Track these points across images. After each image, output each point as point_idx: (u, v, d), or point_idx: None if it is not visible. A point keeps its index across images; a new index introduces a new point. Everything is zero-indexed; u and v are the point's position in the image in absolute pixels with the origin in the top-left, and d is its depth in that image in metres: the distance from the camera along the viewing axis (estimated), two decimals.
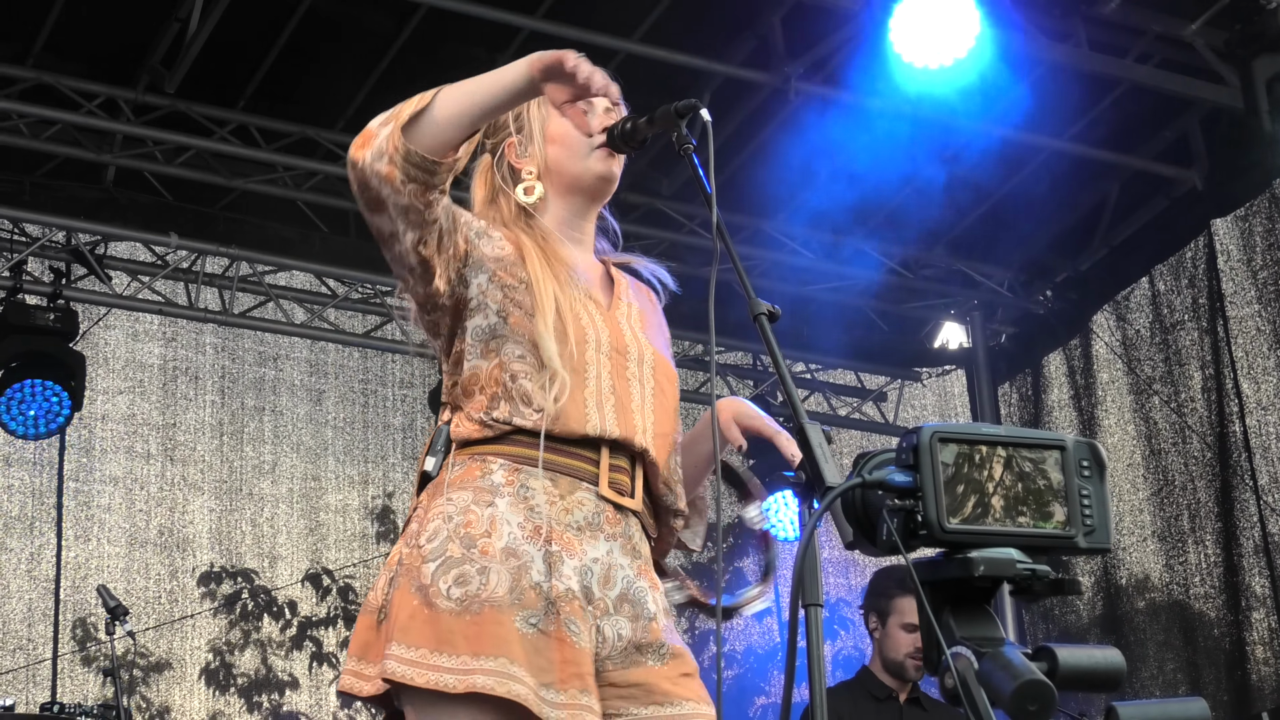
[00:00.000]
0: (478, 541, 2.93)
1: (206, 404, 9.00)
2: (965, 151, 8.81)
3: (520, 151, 3.27)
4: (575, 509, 3.02)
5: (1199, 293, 8.98)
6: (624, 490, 3.08)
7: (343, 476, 9.24)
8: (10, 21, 7.75)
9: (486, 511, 2.97)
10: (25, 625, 8.36)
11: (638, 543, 3.10)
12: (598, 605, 3.00)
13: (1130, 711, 2.00)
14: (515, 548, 2.94)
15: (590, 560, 3.01)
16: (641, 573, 3.08)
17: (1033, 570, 2.02)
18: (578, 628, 2.94)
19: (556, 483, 3.02)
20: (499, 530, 2.95)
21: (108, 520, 8.63)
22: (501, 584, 2.90)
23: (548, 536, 2.97)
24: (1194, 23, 8.21)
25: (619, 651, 3.01)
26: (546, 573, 2.95)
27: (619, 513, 3.07)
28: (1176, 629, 9.02)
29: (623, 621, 3.02)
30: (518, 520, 2.97)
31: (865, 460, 2.13)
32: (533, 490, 3.00)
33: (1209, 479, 8.90)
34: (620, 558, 3.05)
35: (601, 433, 3.03)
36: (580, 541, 3.00)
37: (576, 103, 3.19)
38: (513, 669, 2.84)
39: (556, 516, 2.99)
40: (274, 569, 9.01)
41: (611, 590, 3.03)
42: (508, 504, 2.98)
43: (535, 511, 2.98)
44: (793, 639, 2.11)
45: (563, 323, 3.06)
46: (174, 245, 8.65)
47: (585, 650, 2.94)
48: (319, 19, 7.70)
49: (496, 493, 2.99)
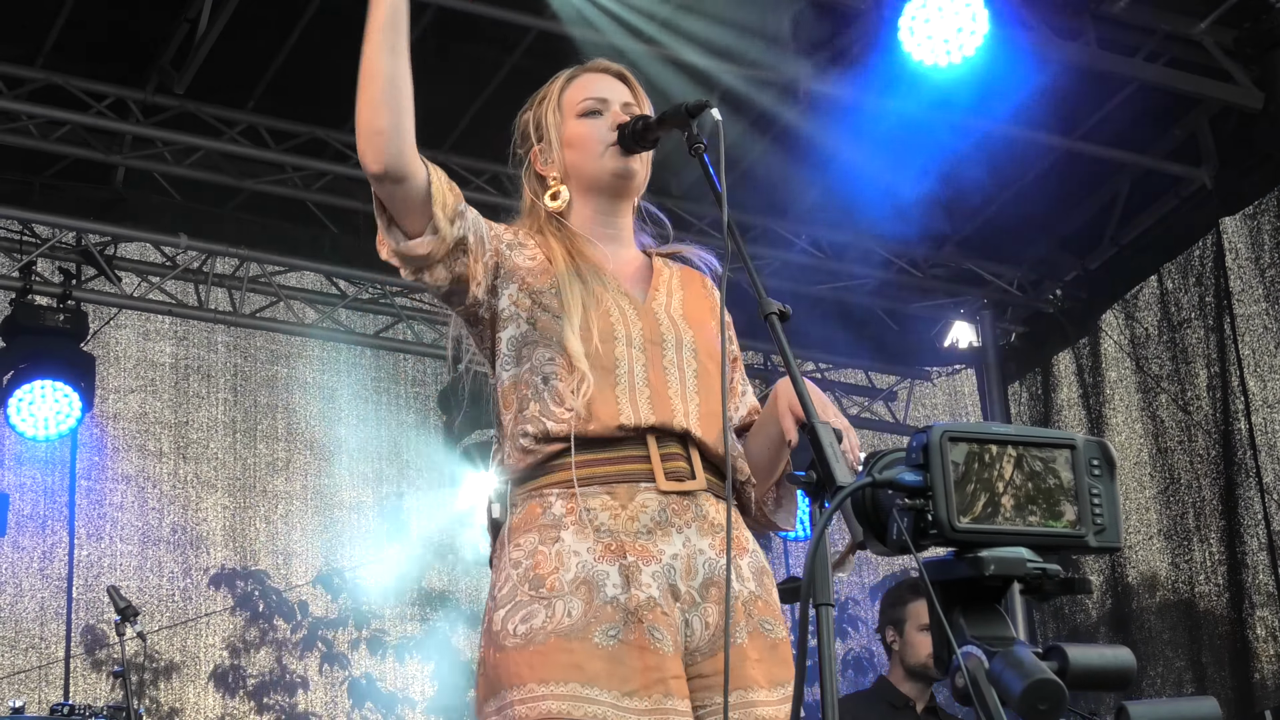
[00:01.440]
0: (546, 579, 2.96)
1: (219, 402, 9.00)
2: (974, 151, 8.80)
3: (544, 159, 3.30)
4: (640, 514, 3.02)
5: (1206, 291, 8.97)
6: (683, 475, 3.07)
7: (356, 473, 9.25)
8: (19, 22, 7.76)
9: (554, 548, 2.99)
10: (38, 624, 8.37)
11: (713, 517, 3.08)
12: (684, 599, 3.01)
13: (1141, 711, 2.00)
14: (586, 575, 2.96)
15: (670, 559, 3.01)
16: (722, 548, 3.06)
17: (1043, 569, 2.02)
18: (661, 634, 2.94)
19: (614, 493, 3.02)
20: (566, 563, 2.97)
21: (120, 519, 8.63)
22: (573, 610, 2.92)
23: (620, 550, 2.98)
24: (1203, 21, 8.20)
25: (706, 641, 3.01)
26: (624, 585, 2.95)
27: (685, 498, 3.06)
28: (1181, 627, 9.01)
29: (710, 608, 3.02)
30: (586, 545, 2.98)
31: (875, 460, 2.13)
32: (593, 510, 3.01)
33: (1213, 477, 8.90)
34: (699, 542, 3.04)
35: (636, 422, 3.03)
36: (654, 544, 3.00)
37: (586, 104, 3.25)
38: (585, 690, 2.86)
39: (624, 528, 3.00)
40: (288, 565, 9.01)
41: (695, 580, 3.02)
42: (573, 534, 2.99)
43: (603, 531, 2.99)
44: (803, 638, 2.11)
45: (588, 322, 3.07)
46: (183, 246, 8.65)
47: (669, 655, 2.94)
48: (328, 19, 7.70)
49: (560, 525, 3.00)
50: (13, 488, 8.46)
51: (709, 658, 3.01)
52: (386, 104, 2.93)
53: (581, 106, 3.28)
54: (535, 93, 3.39)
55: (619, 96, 3.29)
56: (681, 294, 3.28)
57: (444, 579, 9.34)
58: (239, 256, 8.81)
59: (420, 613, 9.26)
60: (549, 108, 3.30)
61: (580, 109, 3.27)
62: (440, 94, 8.30)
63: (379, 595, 9.11)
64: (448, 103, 8.31)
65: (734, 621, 3.02)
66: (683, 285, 3.31)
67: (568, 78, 3.34)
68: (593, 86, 3.31)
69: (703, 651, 3.01)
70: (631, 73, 3.37)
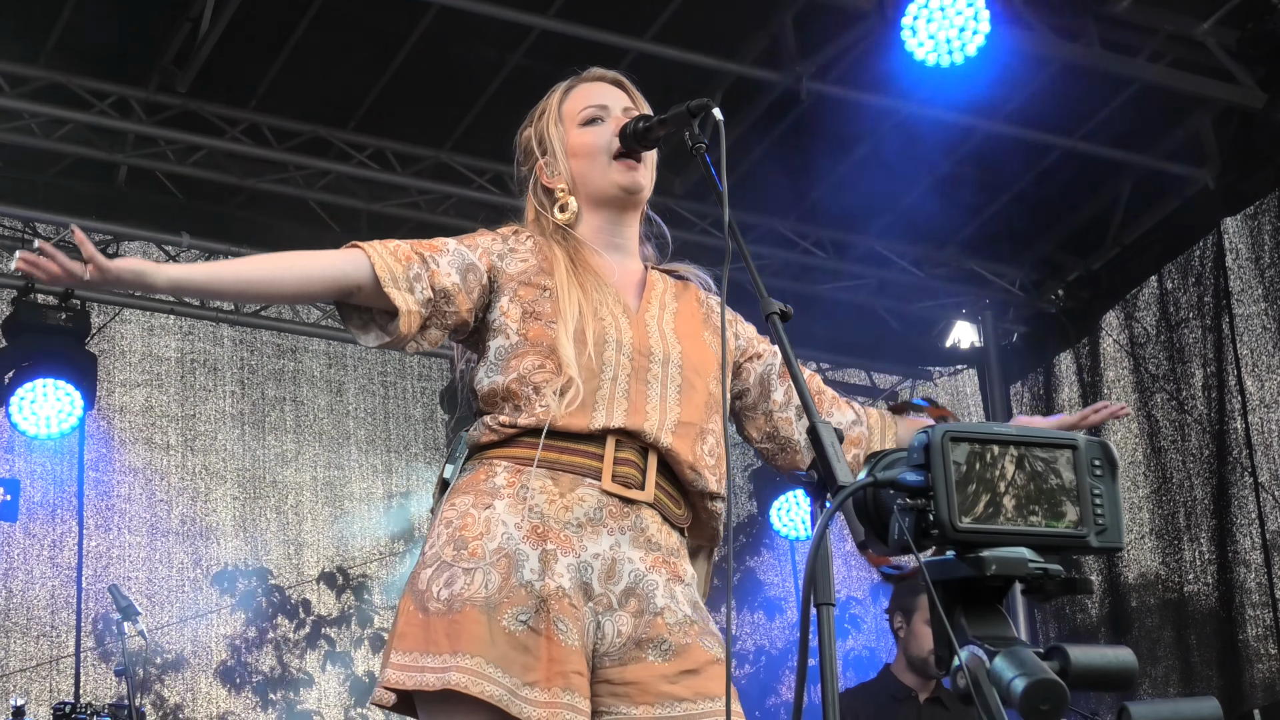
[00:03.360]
0: (469, 543, 2.98)
1: (226, 394, 9.01)
2: (977, 150, 8.81)
3: (550, 172, 3.31)
4: (575, 505, 3.03)
5: (1205, 291, 8.96)
6: (631, 483, 3.08)
7: (366, 465, 9.27)
8: (22, 21, 7.76)
9: (484, 514, 3.01)
10: (48, 612, 8.38)
11: (653, 534, 3.09)
12: (599, 600, 3.02)
13: (1143, 711, 2.00)
14: (509, 548, 2.98)
15: (590, 556, 3.02)
16: (655, 565, 3.08)
17: (1044, 569, 2.02)
18: (566, 626, 2.95)
19: (557, 481, 3.04)
20: (493, 531, 2.99)
21: (128, 510, 8.64)
22: (489, 583, 2.94)
23: (544, 535, 2.99)
24: (1206, 22, 8.20)
25: (617, 648, 3.02)
26: (540, 571, 2.97)
27: (626, 505, 3.07)
28: (1172, 626, 9.01)
29: (625, 617, 3.03)
30: (515, 520, 3.00)
31: (877, 459, 2.13)
32: (531, 490, 3.02)
33: (1205, 476, 8.90)
34: (629, 551, 3.06)
35: (605, 425, 3.05)
36: (579, 538, 3.02)
37: (587, 113, 3.27)
38: (489, 669, 2.87)
39: (555, 515, 3.02)
40: (299, 555, 9.03)
41: (616, 585, 3.03)
42: (505, 505, 3.01)
43: (534, 511, 3.01)
44: (804, 638, 2.11)
45: (583, 329, 3.09)
46: (186, 245, 8.65)
47: (574, 649, 2.96)
48: (330, 19, 7.70)
49: (496, 494, 3.03)
50: (23, 474, 8.45)
51: (619, 666, 3.02)
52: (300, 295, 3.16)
53: (583, 115, 3.29)
54: (533, 109, 3.40)
55: (619, 102, 3.31)
56: (674, 307, 3.29)
57: None
58: (241, 255, 8.79)
59: None
60: (549, 120, 3.32)
61: (582, 118, 3.29)
62: (442, 93, 8.30)
63: (382, 594, 9.12)
64: (450, 102, 8.31)
65: (650, 637, 3.04)
66: (676, 298, 3.32)
67: (565, 89, 3.36)
68: (592, 95, 3.32)
69: (612, 658, 3.02)
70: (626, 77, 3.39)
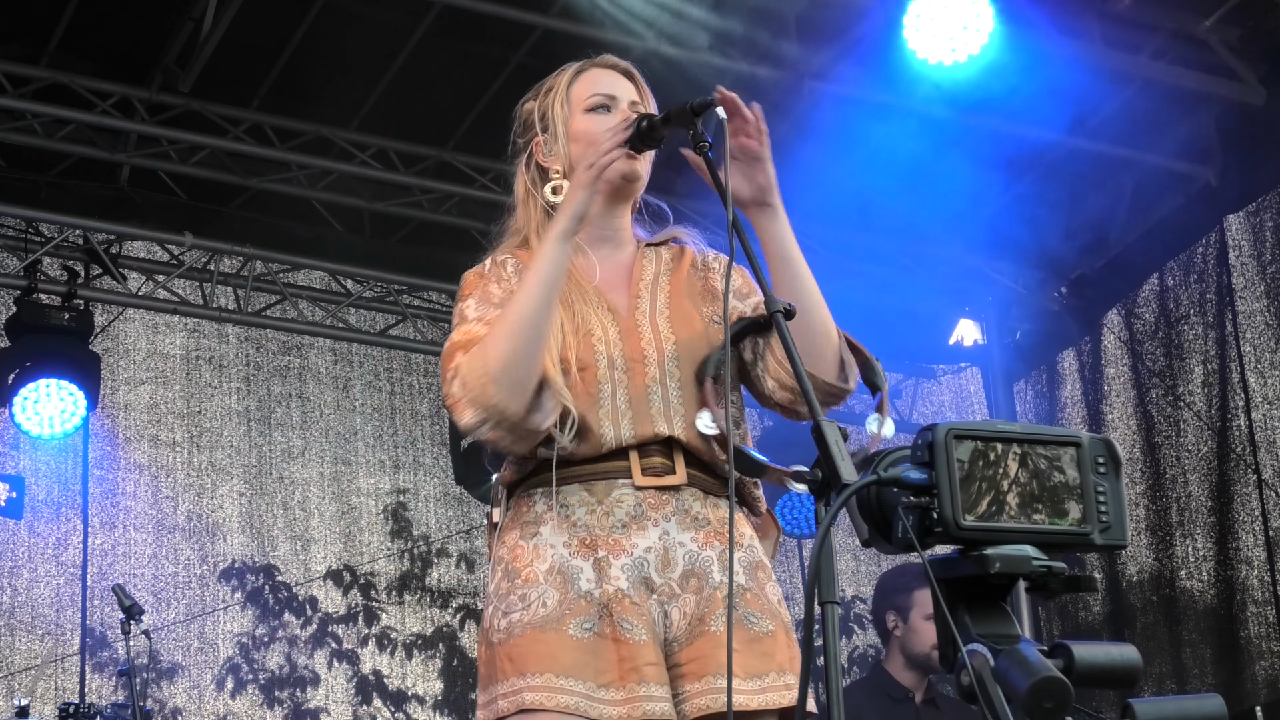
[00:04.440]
0: (522, 572, 3.01)
1: (232, 391, 9.00)
2: (979, 148, 8.79)
3: (547, 150, 3.27)
4: (615, 509, 3.04)
5: (1207, 288, 8.96)
6: (661, 471, 3.09)
7: (373, 461, 9.27)
8: (24, 21, 7.76)
9: (532, 542, 3.04)
10: (54, 610, 8.37)
11: (698, 512, 3.09)
12: (661, 591, 3.03)
13: (1147, 709, 1.99)
14: (561, 565, 3.00)
15: (643, 551, 3.03)
16: (708, 541, 3.08)
17: (1048, 567, 2.02)
18: (631, 624, 2.97)
19: (592, 490, 3.06)
20: (543, 555, 3.02)
21: (134, 508, 8.63)
22: (546, 601, 2.97)
23: (593, 545, 3.02)
24: (1208, 19, 8.19)
25: (684, 630, 3.04)
26: (596, 579, 2.99)
27: (664, 493, 3.07)
28: (1171, 623, 9.00)
29: (688, 598, 3.04)
30: (563, 540, 3.02)
31: (880, 458, 2.13)
32: (570, 506, 3.05)
33: (1204, 472, 8.90)
34: (679, 535, 3.06)
35: (618, 443, 3.06)
36: (627, 538, 3.03)
37: (594, 100, 3.24)
38: (560, 681, 2.91)
39: (598, 523, 3.03)
40: (306, 551, 9.02)
41: (674, 571, 3.04)
42: (550, 529, 3.04)
43: (578, 526, 3.03)
44: (808, 636, 2.11)
45: (567, 352, 3.08)
46: (189, 245, 8.65)
47: (645, 643, 2.97)
48: (333, 17, 7.70)
49: (540, 521, 3.05)
50: (28, 471, 8.44)
51: (685, 646, 3.03)
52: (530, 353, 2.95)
53: (589, 102, 3.26)
54: (540, 83, 3.36)
55: (626, 94, 3.28)
56: (667, 289, 3.26)
57: (454, 576, 9.35)
58: (244, 255, 8.80)
59: (429, 610, 9.27)
60: (556, 99, 3.28)
61: (588, 104, 3.26)
62: (445, 92, 8.30)
63: (389, 592, 9.13)
64: (452, 101, 8.30)
65: (710, 610, 3.04)
66: (670, 274, 3.29)
67: (576, 71, 3.32)
68: (601, 82, 3.30)
69: (680, 641, 3.03)
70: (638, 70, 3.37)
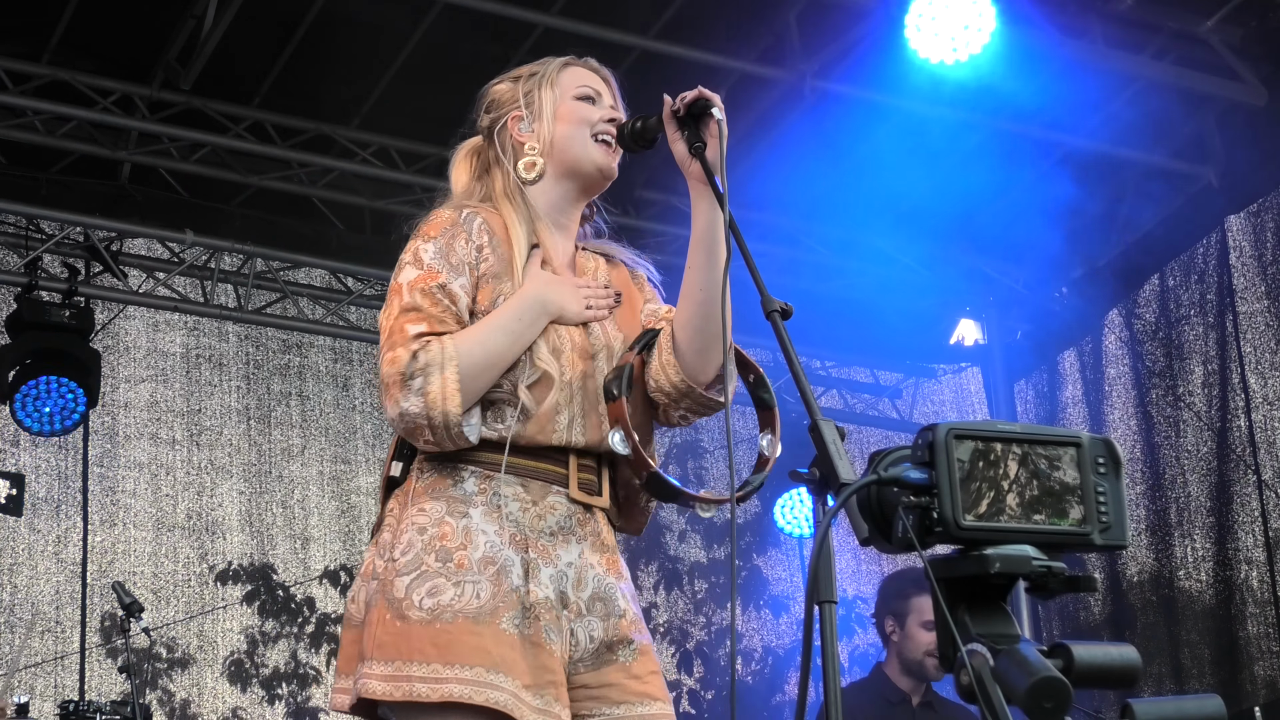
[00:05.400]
0: (454, 554, 2.97)
1: (232, 389, 8.98)
2: (980, 148, 8.79)
3: (524, 127, 3.30)
4: (548, 514, 3.06)
5: (1208, 288, 8.96)
6: (593, 490, 3.13)
7: (372, 460, 9.26)
8: (25, 18, 7.76)
9: (461, 523, 3.01)
10: (54, 608, 8.36)
11: (604, 536, 3.15)
12: (572, 609, 3.05)
13: (1146, 709, 1.99)
14: (493, 555, 2.98)
15: (565, 565, 3.05)
16: (610, 567, 3.13)
17: (1048, 567, 2.02)
18: (552, 636, 2.99)
19: (528, 488, 3.06)
20: (474, 541, 2.99)
21: (134, 505, 8.61)
22: (480, 593, 2.94)
23: (524, 544, 3.02)
24: (1210, 19, 8.19)
25: (590, 653, 3.06)
26: (524, 578, 2.99)
27: (587, 512, 3.12)
28: (1170, 623, 9.00)
29: (595, 622, 3.07)
30: (494, 529, 3.01)
31: (880, 457, 2.12)
32: (505, 498, 3.03)
33: (1203, 473, 8.90)
34: (591, 556, 3.10)
35: (567, 443, 3.08)
36: (554, 547, 3.05)
37: (583, 90, 3.30)
38: (490, 676, 2.88)
39: (530, 523, 3.04)
40: (306, 550, 9.01)
41: (584, 592, 3.07)
42: (481, 514, 3.02)
43: (510, 519, 3.02)
44: (808, 636, 2.11)
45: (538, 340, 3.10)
46: (189, 242, 8.64)
47: (558, 657, 2.99)
48: (334, 16, 7.70)
49: (469, 502, 3.02)
50: (28, 469, 8.42)
51: (593, 670, 3.06)
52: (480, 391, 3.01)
53: (580, 90, 3.33)
54: (511, 70, 3.43)
55: (608, 98, 3.37)
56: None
57: None
58: (245, 253, 8.80)
59: None
60: (544, 81, 3.33)
61: (579, 92, 3.33)
62: (446, 90, 8.28)
63: None
64: (451, 99, 8.25)
65: (619, 638, 3.09)
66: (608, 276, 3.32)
67: (564, 63, 3.39)
68: (589, 79, 3.37)
69: (586, 663, 3.06)
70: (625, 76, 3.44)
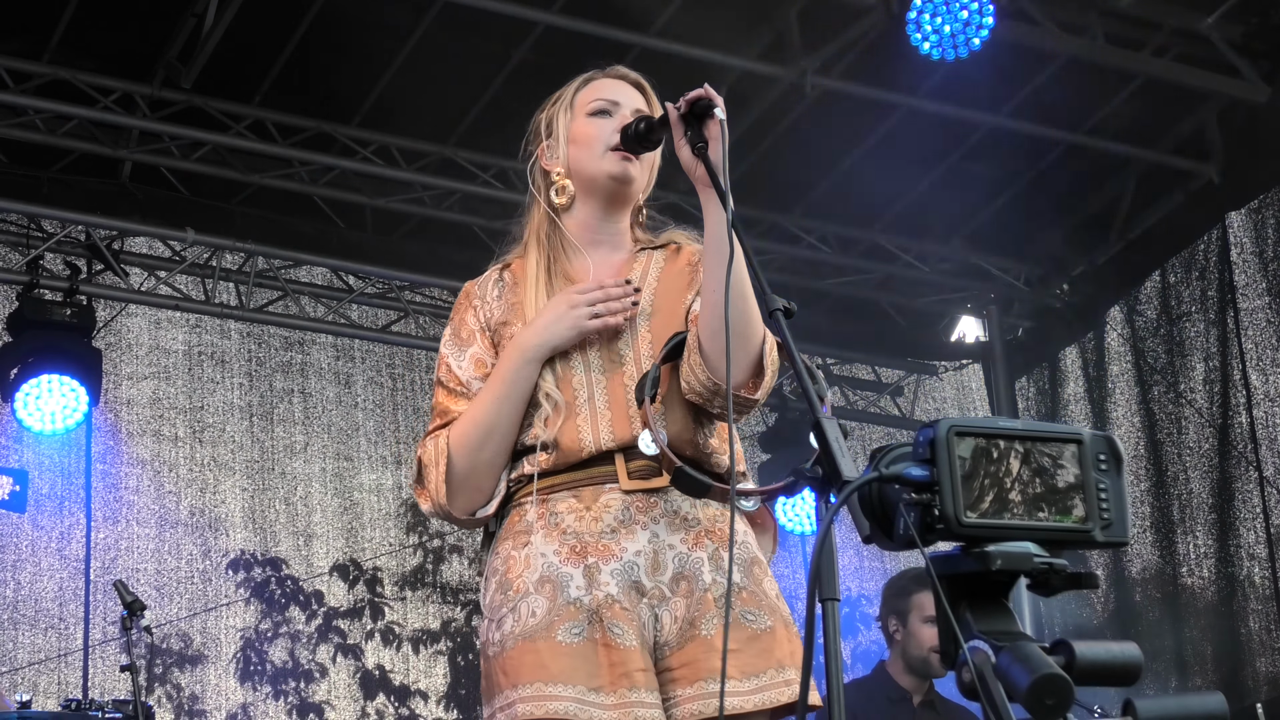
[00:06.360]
0: (514, 583, 3.05)
1: (234, 386, 8.98)
2: (981, 145, 8.80)
3: (549, 155, 3.33)
4: (603, 514, 3.07)
5: (1209, 285, 8.97)
6: (648, 474, 3.11)
7: (375, 457, 9.26)
8: (26, 17, 7.76)
9: (523, 552, 3.08)
10: (57, 604, 8.35)
11: (687, 512, 3.12)
12: (652, 595, 3.05)
13: (1149, 706, 1.99)
14: (550, 574, 3.03)
15: (633, 555, 3.06)
16: (698, 542, 3.10)
17: (1050, 564, 2.01)
18: (622, 629, 3.00)
19: (580, 496, 3.09)
20: (533, 564, 3.05)
21: (136, 502, 8.60)
22: (535, 610, 3.01)
23: (583, 552, 3.04)
24: (1210, 16, 8.20)
25: (675, 634, 3.06)
26: (586, 586, 3.02)
27: (652, 496, 3.09)
28: (1172, 620, 9.00)
29: (679, 601, 3.06)
30: (553, 549, 3.06)
31: (882, 454, 2.12)
32: (560, 514, 3.08)
33: (1205, 469, 8.90)
34: (669, 537, 3.08)
35: (597, 449, 3.10)
36: (616, 543, 3.06)
37: (596, 104, 3.29)
38: (550, 688, 2.93)
39: (587, 529, 3.06)
40: (309, 547, 9.01)
41: (664, 574, 3.07)
42: (541, 537, 3.07)
43: (568, 533, 3.06)
44: (810, 634, 2.11)
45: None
46: (190, 241, 8.64)
47: (633, 649, 3.00)
48: (334, 14, 7.69)
49: (530, 531, 3.09)
50: (30, 466, 8.41)
51: (676, 650, 3.05)
52: (491, 463, 3.14)
53: (592, 106, 3.31)
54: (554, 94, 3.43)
55: (632, 102, 3.32)
56: (654, 286, 3.27)
57: (459, 571, 9.35)
58: (246, 251, 8.80)
59: (435, 605, 9.27)
60: (561, 106, 3.34)
61: (590, 108, 3.31)
62: (447, 88, 8.29)
63: (393, 587, 9.13)
64: (454, 97, 8.30)
65: (701, 614, 3.06)
66: (660, 270, 3.30)
67: (584, 80, 3.38)
68: (607, 90, 3.34)
69: (671, 645, 3.06)
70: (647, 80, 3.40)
